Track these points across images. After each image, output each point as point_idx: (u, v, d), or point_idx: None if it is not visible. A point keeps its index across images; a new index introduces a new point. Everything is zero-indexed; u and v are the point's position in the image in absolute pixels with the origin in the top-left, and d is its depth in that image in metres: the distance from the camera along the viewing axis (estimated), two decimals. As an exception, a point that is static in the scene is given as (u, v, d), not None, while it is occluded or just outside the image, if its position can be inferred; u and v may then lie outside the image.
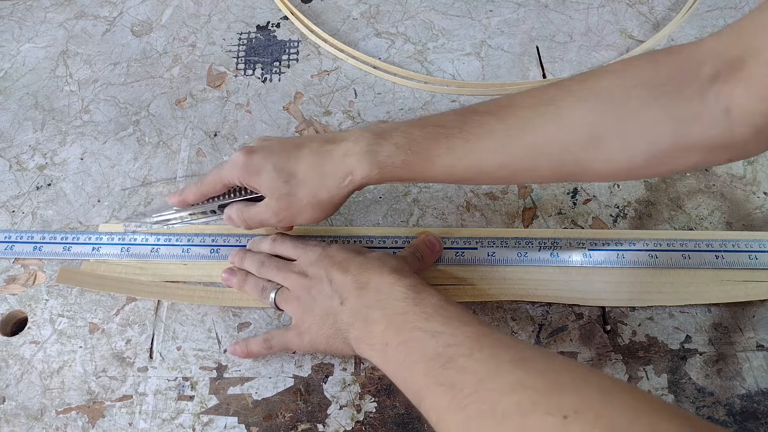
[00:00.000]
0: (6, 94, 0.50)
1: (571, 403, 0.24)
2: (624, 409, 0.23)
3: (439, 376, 0.28)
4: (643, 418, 0.22)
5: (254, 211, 0.36)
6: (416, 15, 0.55)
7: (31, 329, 0.39)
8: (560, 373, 0.26)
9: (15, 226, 0.43)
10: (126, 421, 0.36)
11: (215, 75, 0.51)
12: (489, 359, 0.27)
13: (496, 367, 0.27)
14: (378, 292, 0.33)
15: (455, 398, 0.26)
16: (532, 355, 0.27)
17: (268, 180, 0.34)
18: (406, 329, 0.30)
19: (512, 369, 0.26)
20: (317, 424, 0.36)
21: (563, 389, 0.25)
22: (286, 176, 0.34)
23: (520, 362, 0.27)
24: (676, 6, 0.55)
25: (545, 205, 0.44)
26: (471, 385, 0.26)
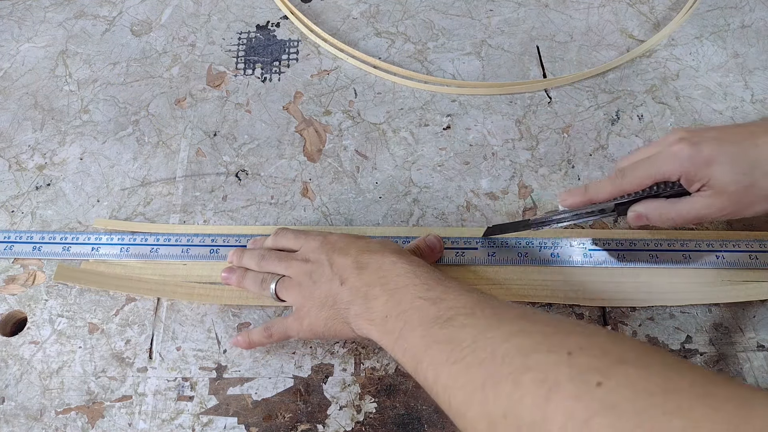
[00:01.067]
0: (5, 93, 0.50)
1: (576, 341, 0.23)
2: (633, 345, 0.23)
3: (438, 335, 0.27)
4: (654, 355, 0.22)
5: (685, 207, 0.34)
6: (416, 14, 0.55)
7: (30, 329, 0.39)
8: (565, 323, 0.25)
9: (14, 226, 0.43)
10: (125, 422, 0.36)
11: (215, 75, 0.51)
12: (491, 316, 0.27)
13: (498, 321, 0.26)
14: (379, 269, 0.33)
15: (453, 351, 0.26)
16: (536, 312, 0.27)
17: (722, 173, 0.32)
18: (407, 300, 0.30)
19: (515, 320, 0.26)
20: (317, 424, 0.36)
21: (569, 333, 0.24)
22: (745, 167, 0.31)
23: (522, 315, 0.26)
24: (676, 6, 0.55)
25: (545, 205, 0.44)
26: (470, 337, 0.26)
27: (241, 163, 0.46)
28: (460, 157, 0.46)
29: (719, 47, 0.52)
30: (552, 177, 0.45)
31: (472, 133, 0.48)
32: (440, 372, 0.27)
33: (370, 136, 0.47)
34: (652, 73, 0.50)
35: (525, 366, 0.23)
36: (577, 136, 0.47)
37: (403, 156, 0.46)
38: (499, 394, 0.24)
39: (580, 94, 0.49)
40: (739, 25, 0.53)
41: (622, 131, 0.47)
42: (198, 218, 0.44)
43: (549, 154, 0.46)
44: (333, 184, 0.45)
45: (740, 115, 0.48)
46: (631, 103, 0.49)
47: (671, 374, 0.21)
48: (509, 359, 0.24)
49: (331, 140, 0.47)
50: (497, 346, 0.24)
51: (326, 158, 0.46)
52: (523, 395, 0.23)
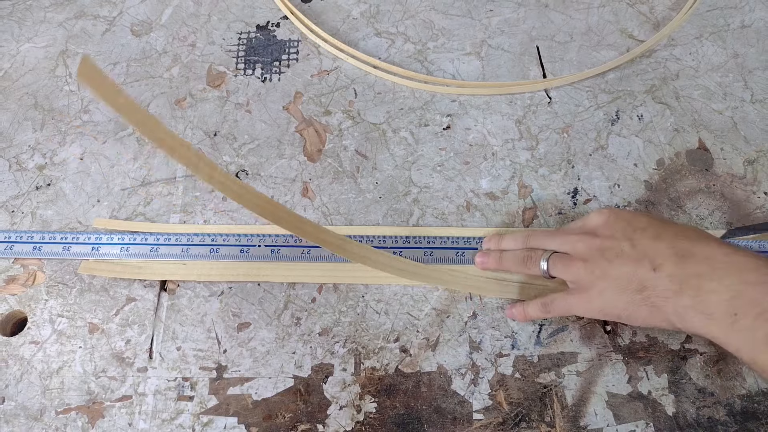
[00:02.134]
0: (5, 93, 0.50)
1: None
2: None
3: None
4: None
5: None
6: (416, 14, 0.55)
7: (30, 329, 0.39)
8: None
9: (14, 226, 0.43)
10: (125, 422, 0.36)
11: (215, 75, 0.51)
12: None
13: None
14: (709, 261, 0.31)
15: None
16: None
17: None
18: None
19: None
20: (317, 424, 0.36)
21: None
22: None
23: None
24: (676, 6, 0.55)
25: (545, 205, 0.44)
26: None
27: (242, 163, 0.46)
28: (460, 157, 0.46)
29: (719, 47, 0.52)
30: (552, 177, 0.45)
31: (472, 133, 0.48)
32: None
33: (370, 136, 0.47)
34: (652, 73, 0.50)
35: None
36: (577, 136, 0.47)
37: (403, 156, 0.46)
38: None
39: (580, 94, 0.49)
40: (739, 25, 0.53)
41: (622, 131, 0.47)
42: (198, 218, 0.44)
43: (549, 154, 0.46)
44: (333, 184, 0.45)
45: (740, 115, 0.48)
46: (631, 103, 0.49)
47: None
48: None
49: (331, 140, 0.47)
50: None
51: (326, 158, 0.46)
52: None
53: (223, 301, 0.40)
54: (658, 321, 0.32)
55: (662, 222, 0.35)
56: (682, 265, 0.31)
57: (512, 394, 0.37)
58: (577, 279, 0.34)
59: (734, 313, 0.29)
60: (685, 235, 0.33)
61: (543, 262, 0.36)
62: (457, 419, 0.36)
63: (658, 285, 0.31)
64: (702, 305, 0.30)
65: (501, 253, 0.39)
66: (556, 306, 0.35)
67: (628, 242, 0.33)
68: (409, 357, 0.38)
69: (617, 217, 0.35)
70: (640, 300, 0.32)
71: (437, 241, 0.42)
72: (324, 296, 0.40)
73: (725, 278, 0.30)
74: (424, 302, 0.40)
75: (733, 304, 0.29)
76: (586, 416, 0.36)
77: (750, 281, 0.29)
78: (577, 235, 0.35)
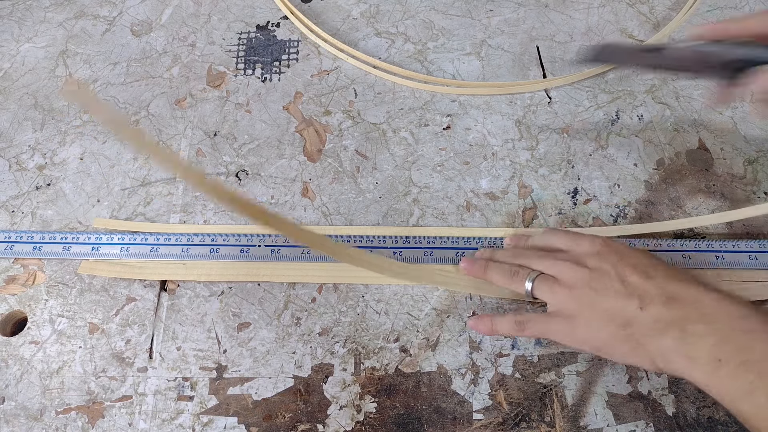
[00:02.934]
0: (5, 93, 0.50)
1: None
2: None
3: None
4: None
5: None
6: (416, 14, 0.55)
7: (30, 329, 0.39)
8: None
9: (14, 226, 0.43)
10: (126, 422, 0.36)
11: (215, 75, 0.51)
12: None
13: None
14: (697, 305, 0.30)
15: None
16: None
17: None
18: (758, 349, 0.28)
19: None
20: (317, 424, 0.36)
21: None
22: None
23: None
24: (676, 6, 0.55)
25: (545, 205, 0.44)
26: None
27: (241, 163, 0.46)
28: (460, 157, 0.46)
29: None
30: (552, 177, 0.45)
31: (472, 133, 0.48)
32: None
33: (370, 136, 0.47)
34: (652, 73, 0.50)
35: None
36: (577, 136, 0.47)
37: (403, 156, 0.46)
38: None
39: (580, 94, 0.49)
40: (739, 25, 0.53)
41: (622, 131, 0.47)
42: (198, 218, 0.44)
43: (549, 154, 0.46)
44: (333, 184, 0.45)
45: (740, 115, 0.48)
46: (631, 103, 0.49)
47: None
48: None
49: (331, 140, 0.47)
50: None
51: (326, 158, 0.46)
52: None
53: (223, 301, 0.40)
54: (640, 359, 0.32)
55: (654, 261, 0.34)
56: (669, 306, 0.31)
57: (512, 394, 0.37)
58: (561, 305, 0.34)
59: (718, 359, 0.28)
60: (675, 277, 0.32)
61: (528, 282, 0.35)
62: (457, 419, 0.36)
63: (642, 323, 0.31)
64: (686, 348, 0.30)
65: (488, 263, 0.38)
66: (533, 327, 0.35)
67: (618, 278, 0.33)
68: (409, 357, 0.38)
69: (609, 249, 0.35)
70: (624, 336, 0.32)
71: (437, 241, 0.42)
72: (324, 296, 0.40)
73: (712, 323, 0.29)
74: (424, 302, 0.40)
75: (718, 349, 0.28)
76: (586, 416, 0.36)
77: (737, 328, 0.29)
78: (567, 263, 0.35)
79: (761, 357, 0.27)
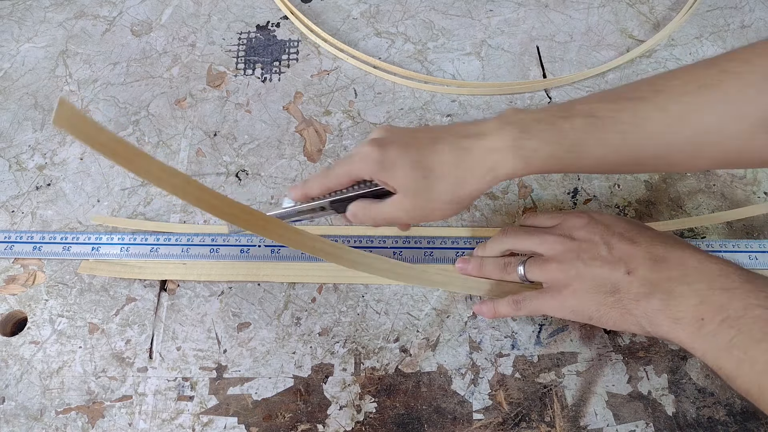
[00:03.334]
0: (5, 93, 0.50)
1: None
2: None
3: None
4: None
5: (382, 209, 0.34)
6: (416, 15, 0.55)
7: (30, 329, 0.39)
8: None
9: (15, 226, 0.43)
10: (126, 422, 0.36)
11: (215, 75, 0.51)
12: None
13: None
14: (682, 266, 0.31)
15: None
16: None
17: (404, 177, 0.32)
18: (736, 306, 0.28)
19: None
20: (317, 424, 0.36)
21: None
22: (424, 172, 0.32)
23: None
24: (676, 6, 0.55)
25: (545, 205, 0.44)
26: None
27: (241, 163, 0.46)
28: (460, 157, 0.46)
29: (719, 47, 0.52)
30: (552, 177, 0.45)
31: (472, 133, 0.48)
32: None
33: (370, 136, 0.47)
34: (652, 73, 0.50)
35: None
36: (577, 136, 0.47)
37: (403, 156, 0.46)
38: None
39: (580, 94, 0.49)
40: (739, 25, 0.53)
41: (622, 131, 0.47)
42: (198, 218, 0.44)
43: (549, 154, 0.46)
44: (333, 184, 0.45)
45: (740, 115, 0.48)
46: (631, 103, 0.49)
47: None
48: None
49: (331, 140, 0.47)
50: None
51: (326, 158, 0.46)
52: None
53: (223, 301, 0.40)
54: (629, 324, 0.32)
55: (640, 227, 0.35)
56: (655, 269, 0.32)
57: (512, 394, 0.37)
58: (552, 279, 0.35)
59: (701, 318, 0.29)
60: (661, 241, 0.33)
61: (520, 266, 0.36)
62: (457, 419, 0.36)
63: (630, 288, 0.32)
64: (671, 309, 0.30)
65: (482, 261, 0.39)
66: (528, 304, 0.35)
67: (605, 246, 0.34)
68: (409, 357, 0.38)
69: (596, 220, 0.35)
70: (612, 302, 0.32)
71: (437, 241, 0.42)
72: (324, 296, 0.40)
73: (695, 283, 0.30)
74: (424, 302, 0.40)
75: (700, 309, 0.29)
76: (586, 416, 0.36)
77: (718, 287, 0.29)
78: (555, 236, 0.36)
79: (740, 313, 0.28)
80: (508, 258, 0.38)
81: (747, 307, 0.28)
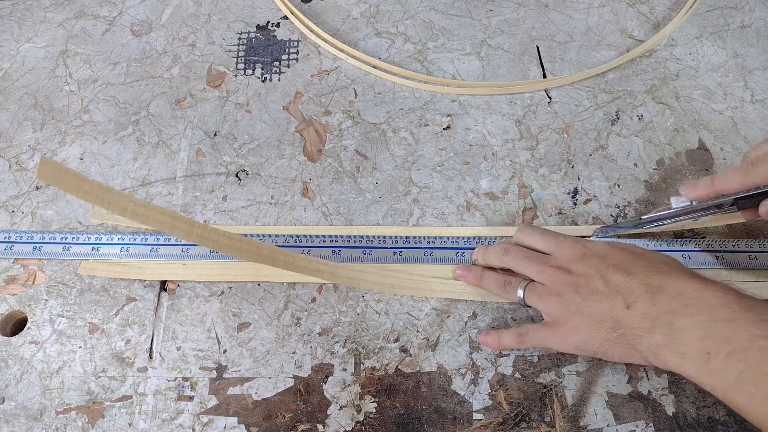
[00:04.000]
0: (5, 93, 0.50)
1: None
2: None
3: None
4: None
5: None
6: (416, 14, 0.55)
7: (30, 329, 0.39)
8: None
9: (14, 226, 0.43)
10: (126, 422, 0.36)
11: (215, 75, 0.51)
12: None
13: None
14: (681, 297, 0.30)
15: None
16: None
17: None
18: (740, 338, 0.28)
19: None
20: (317, 424, 0.36)
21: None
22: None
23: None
24: (676, 6, 0.55)
25: (545, 205, 0.44)
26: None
27: (241, 163, 0.46)
28: (460, 157, 0.46)
29: (719, 47, 0.52)
30: (552, 177, 0.45)
31: (472, 133, 0.48)
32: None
33: (370, 136, 0.47)
34: (652, 73, 0.50)
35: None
36: (576, 136, 0.47)
37: (403, 156, 0.46)
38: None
39: (580, 94, 0.49)
40: (739, 25, 0.53)
41: (622, 131, 0.47)
42: (198, 218, 0.44)
43: (549, 154, 0.46)
44: (333, 184, 0.45)
45: (740, 115, 0.48)
46: (631, 103, 0.49)
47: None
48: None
49: (331, 140, 0.47)
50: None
51: (326, 158, 0.46)
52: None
53: (223, 301, 0.40)
54: (635, 359, 0.32)
55: (635, 255, 0.35)
56: (654, 301, 0.31)
57: (512, 394, 0.37)
58: (552, 312, 0.35)
59: (707, 352, 0.28)
60: (656, 270, 0.33)
61: (520, 290, 0.36)
62: (457, 419, 0.36)
63: (632, 324, 0.31)
64: (675, 344, 0.30)
65: (482, 272, 0.39)
66: (531, 338, 0.35)
67: (602, 279, 0.33)
68: (409, 357, 0.38)
69: (591, 252, 0.35)
70: (615, 338, 0.32)
71: (437, 241, 0.42)
72: (324, 296, 0.40)
73: (696, 315, 0.30)
74: (424, 302, 0.40)
75: (705, 342, 0.29)
76: (586, 416, 0.36)
77: (720, 318, 0.29)
78: (553, 268, 0.36)
79: (745, 345, 0.28)
80: (508, 277, 0.38)
81: (752, 338, 0.28)
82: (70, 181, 0.25)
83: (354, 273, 0.38)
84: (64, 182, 0.25)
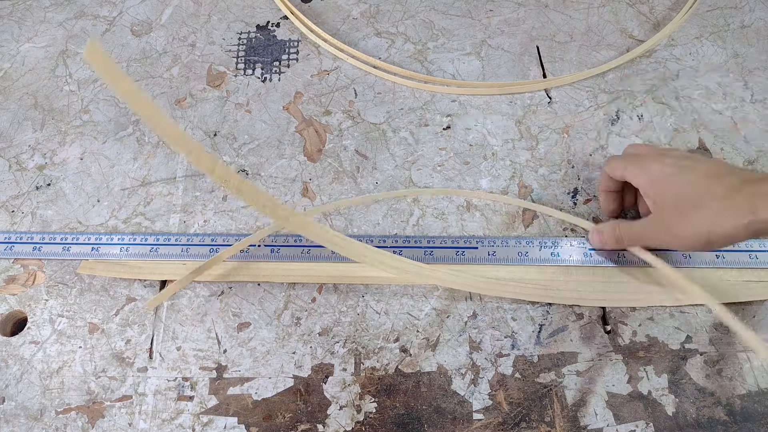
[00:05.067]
0: (5, 94, 0.50)
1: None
2: None
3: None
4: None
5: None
6: (416, 14, 0.55)
7: (30, 329, 0.39)
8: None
9: (14, 226, 0.43)
10: (126, 422, 0.36)
11: (215, 75, 0.51)
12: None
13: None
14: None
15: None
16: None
17: None
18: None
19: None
20: (317, 424, 0.36)
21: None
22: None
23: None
24: (676, 6, 0.55)
25: (545, 205, 0.44)
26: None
27: (242, 163, 0.46)
28: (460, 157, 0.46)
29: (719, 47, 0.52)
30: (552, 177, 0.45)
31: (472, 133, 0.48)
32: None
33: (370, 136, 0.47)
34: (652, 73, 0.50)
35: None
36: (577, 136, 0.47)
37: (403, 156, 0.46)
38: None
39: (580, 94, 0.49)
40: (739, 25, 0.53)
41: (622, 131, 0.47)
42: (198, 218, 0.44)
43: (549, 154, 0.46)
44: (333, 184, 0.45)
45: (740, 115, 0.48)
46: (631, 103, 0.49)
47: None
48: None
49: (331, 140, 0.47)
50: None
51: (326, 158, 0.46)
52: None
53: (223, 301, 0.40)
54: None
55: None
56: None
57: (512, 394, 0.37)
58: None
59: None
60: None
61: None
62: (457, 419, 0.36)
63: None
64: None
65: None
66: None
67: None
68: (409, 357, 0.38)
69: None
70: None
71: (437, 241, 0.42)
72: (324, 296, 0.40)
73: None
74: (424, 302, 0.40)
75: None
76: (586, 416, 0.36)
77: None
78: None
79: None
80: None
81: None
82: (112, 73, 0.25)
83: (370, 252, 0.38)
84: (107, 73, 0.24)
